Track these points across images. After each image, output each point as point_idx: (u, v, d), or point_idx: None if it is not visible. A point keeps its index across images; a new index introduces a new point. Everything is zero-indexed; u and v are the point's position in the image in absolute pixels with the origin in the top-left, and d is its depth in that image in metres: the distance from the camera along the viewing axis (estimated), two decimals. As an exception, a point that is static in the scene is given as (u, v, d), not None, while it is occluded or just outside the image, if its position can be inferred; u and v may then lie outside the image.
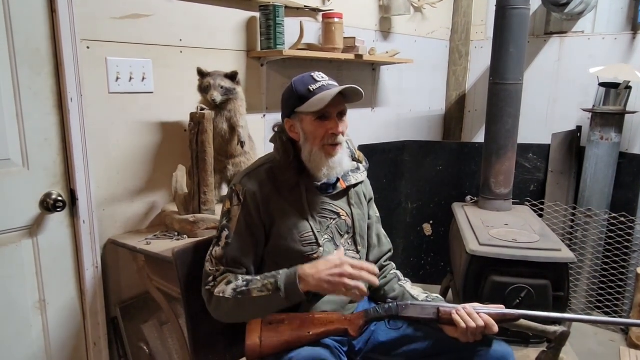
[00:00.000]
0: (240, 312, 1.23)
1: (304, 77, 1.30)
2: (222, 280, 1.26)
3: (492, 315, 1.21)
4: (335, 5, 2.32)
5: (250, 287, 1.21)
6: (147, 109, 1.72)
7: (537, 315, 1.25)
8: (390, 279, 1.45)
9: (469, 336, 1.20)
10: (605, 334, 2.53)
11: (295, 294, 1.18)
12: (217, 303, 1.24)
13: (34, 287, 1.50)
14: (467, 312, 1.21)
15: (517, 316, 1.24)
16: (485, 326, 1.19)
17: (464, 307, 1.23)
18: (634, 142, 2.71)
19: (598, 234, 2.58)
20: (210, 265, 1.28)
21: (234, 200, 1.30)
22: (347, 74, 2.52)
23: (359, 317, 1.25)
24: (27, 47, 1.40)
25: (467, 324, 1.19)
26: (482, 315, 1.20)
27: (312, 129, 1.28)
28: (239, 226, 1.28)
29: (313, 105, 1.24)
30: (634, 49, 2.69)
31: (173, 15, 1.75)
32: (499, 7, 2.33)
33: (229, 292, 1.22)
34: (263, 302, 1.20)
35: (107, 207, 1.66)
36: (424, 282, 3.07)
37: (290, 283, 1.18)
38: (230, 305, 1.22)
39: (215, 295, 1.23)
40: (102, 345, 1.67)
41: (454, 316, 1.21)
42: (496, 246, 2.00)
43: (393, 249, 1.53)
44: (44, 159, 1.48)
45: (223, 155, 1.78)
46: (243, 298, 1.21)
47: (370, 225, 1.47)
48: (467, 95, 3.35)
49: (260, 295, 1.19)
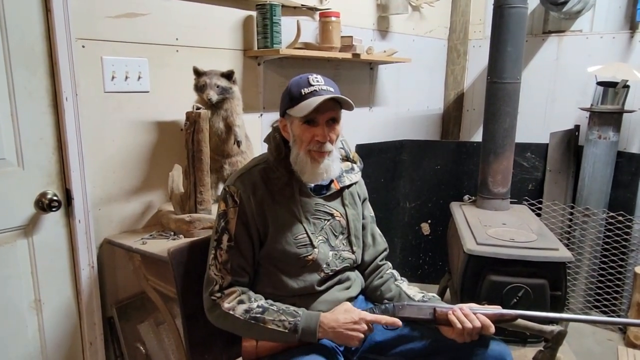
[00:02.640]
0: (246, 332, 1.25)
1: (301, 78, 1.29)
2: (231, 294, 1.25)
3: (488, 316, 1.21)
4: (332, 4, 2.31)
5: (266, 317, 1.21)
6: (143, 108, 1.72)
7: (534, 315, 1.25)
8: (387, 279, 1.45)
9: (465, 337, 1.20)
10: (603, 333, 2.53)
11: (309, 338, 1.21)
12: (224, 317, 1.24)
13: (30, 287, 1.50)
14: (464, 312, 1.21)
15: (514, 316, 1.24)
16: (481, 327, 1.19)
17: (460, 307, 1.22)
18: (632, 141, 2.71)
19: (596, 233, 2.58)
20: (215, 270, 1.27)
21: (229, 202, 1.30)
22: (344, 73, 2.52)
23: None
24: (22, 46, 1.39)
25: (463, 325, 1.19)
26: (478, 316, 1.20)
27: (299, 133, 1.27)
28: (238, 229, 1.28)
29: (300, 110, 1.24)
30: (632, 48, 2.69)
31: (169, 14, 1.74)
32: (496, 6, 2.32)
33: (240, 312, 1.22)
34: (275, 335, 1.21)
35: (102, 207, 1.65)
36: (422, 282, 3.07)
37: (310, 329, 1.20)
38: (238, 325, 1.23)
39: (223, 310, 1.23)
40: (98, 345, 1.66)
41: (450, 317, 1.21)
42: (494, 245, 1.99)
43: (390, 249, 1.53)
44: (39, 159, 1.47)
45: (219, 154, 1.78)
46: (256, 324, 1.21)
47: (364, 225, 1.47)
48: (465, 94, 3.34)
49: (274, 329, 1.20)
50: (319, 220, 1.34)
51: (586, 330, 2.55)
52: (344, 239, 1.38)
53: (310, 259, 1.30)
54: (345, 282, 1.38)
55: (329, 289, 1.35)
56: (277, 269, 1.30)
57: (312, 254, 1.30)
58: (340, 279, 1.37)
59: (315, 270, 1.31)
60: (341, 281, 1.37)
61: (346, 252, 1.38)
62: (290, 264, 1.29)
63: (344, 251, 1.37)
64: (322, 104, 1.22)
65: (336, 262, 1.35)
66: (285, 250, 1.29)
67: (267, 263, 1.31)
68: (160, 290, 1.63)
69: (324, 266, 1.32)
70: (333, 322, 1.21)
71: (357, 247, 1.40)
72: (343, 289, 1.37)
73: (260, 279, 1.33)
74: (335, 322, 1.21)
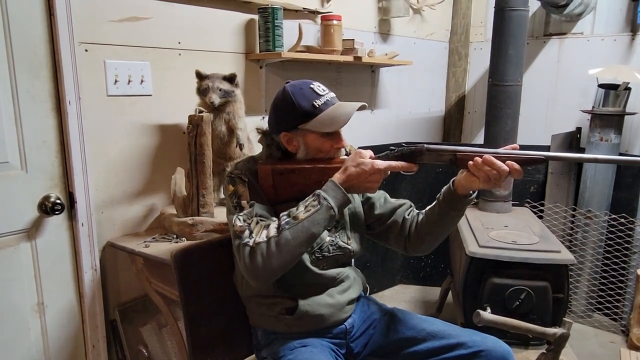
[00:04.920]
0: (287, 248, 1.14)
1: (302, 89, 1.25)
2: (259, 229, 1.18)
3: (515, 160, 1.15)
4: (334, 7, 2.32)
5: (295, 214, 1.16)
6: (145, 111, 1.72)
7: (562, 156, 1.22)
8: (414, 216, 1.41)
9: (491, 181, 1.14)
10: (605, 335, 2.52)
11: (338, 195, 1.17)
12: (266, 249, 1.14)
13: (33, 290, 1.50)
14: (487, 160, 1.14)
15: (543, 158, 1.17)
16: (509, 171, 1.13)
17: (483, 155, 1.15)
18: (634, 143, 2.70)
19: (598, 236, 2.58)
20: (239, 222, 1.19)
21: (237, 181, 1.26)
22: (346, 76, 2.52)
23: None
24: (25, 50, 1.40)
25: (483, 170, 1.14)
26: (505, 161, 1.14)
27: (318, 145, 1.26)
28: (253, 196, 1.24)
29: (325, 126, 1.22)
30: (633, 50, 2.69)
31: (171, 18, 1.75)
32: (498, 8, 2.33)
33: (273, 231, 1.15)
34: (312, 223, 1.15)
35: (105, 210, 1.66)
36: (424, 284, 3.07)
37: (331, 187, 1.17)
38: (277, 243, 1.13)
39: (258, 245, 1.14)
40: (100, 348, 1.66)
41: (470, 164, 1.15)
42: (496, 248, 1.99)
43: (391, 251, 1.54)
44: (42, 162, 1.48)
45: (222, 157, 1.78)
46: (290, 228, 1.14)
47: (374, 204, 1.42)
48: (467, 96, 3.35)
49: (307, 215, 1.15)
50: None
51: (588, 332, 2.54)
52: (340, 231, 1.36)
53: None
54: (345, 281, 1.37)
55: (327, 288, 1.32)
56: None
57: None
58: (339, 279, 1.35)
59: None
60: (340, 281, 1.35)
61: (342, 242, 1.35)
62: None
63: (340, 241, 1.35)
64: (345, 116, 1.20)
65: (329, 248, 1.32)
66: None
67: None
68: (162, 293, 1.64)
69: (315, 248, 1.30)
70: (349, 179, 1.18)
71: (352, 240, 1.38)
72: (343, 291, 1.35)
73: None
74: (350, 178, 1.18)
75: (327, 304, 1.31)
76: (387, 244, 1.46)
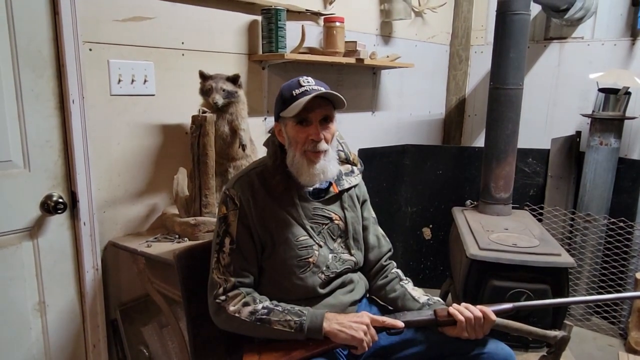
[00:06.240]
0: (253, 333, 1.25)
1: (292, 81, 1.30)
2: (236, 297, 1.25)
3: (487, 309, 1.25)
4: (336, 10, 2.32)
5: (272, 318, 1.22)
6: (148, 111, 1.72)
7: (530, 305, 1.32)
8: (391, 279, 1.45)
9: (469, 331, 1.22)
10: (604, 338, 2.53)
11: (316, 335, 1.20)
12: (230, 320, 1.24)
13: (34, 289, 1.50)
14: (464, 305, 1.25)
15: (511, 309, 1.27)
16: (483, 316, 1.22)
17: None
18: (633, 148, 2.72)
19: (597, 239, 2.59)
20: (218, 273, 1.27)
21: (230, 205, 1.30)
22: (347, 77, 2.53)
23: None
24: (30, 49, 1.40)
25: (463, 315, 1.22)
26: (478, 307, 1.24)
27: (294, 134, 1.28)
28: (240, 231, 1.28)
29: (291, 110, 1.24)
30: (633, 55, 2.70)
31: (175, 18, 1.75)
32: (499, 12, 2.34)
33: (246, 315, 1.23)
34: (281, 335, 1.22)
35: (107, 209, 1.66)
36: (423, 286, 3.03)
37: (316, 326, 1.20)
38: (245, 327, 1.24)
39: (228, 313, 1.24)
40: (101, 347, 1.66)
41: (451, 310, 1.24)
42: (496, 250, 2.00)
43: (393, 251, 1.53)
44: (45, 161, 1.48)
45: (224, 158, 1.78)
46: (262, 326, 1.22)
47: (366, 227, 1.47)
48: (467, 99, 3.36)
49: (281, 329, 1.21)
50: (317, 224, 1.35)
51: (587, 335, 2.55)
52: (342, 242, 1.38)
53: (310, 261, 1.30)
54: (348, 284, 1.38)
55: (332, 292, 1.35)
56: (279, 272, 1.31)
57: (312, 255, 1.31)
58: (344, 282, 1.37)
59: (316, 272, 1.31)
60: (345, 284, 1.37)
61: (345, 254, 1.38)
62: (291, 265, 1.29)
63: (343, 254, 1.38)
64: (312, 103, 1.22)
65: (336, 264, 1.35)
66: (287, 251, 1.29)
67: (269, 267, 1.32)
68: (164, 293, 1.64)
69: (323, 268, 1.32)
70: (338, 317, 1.22)
71: (355, 249, 1.40)
72: (347, 292, 1.37)
73: (262, 284, 1.33)
74: (339, 317, 1.22)
75: (329, 305, 1.32)
76: None
